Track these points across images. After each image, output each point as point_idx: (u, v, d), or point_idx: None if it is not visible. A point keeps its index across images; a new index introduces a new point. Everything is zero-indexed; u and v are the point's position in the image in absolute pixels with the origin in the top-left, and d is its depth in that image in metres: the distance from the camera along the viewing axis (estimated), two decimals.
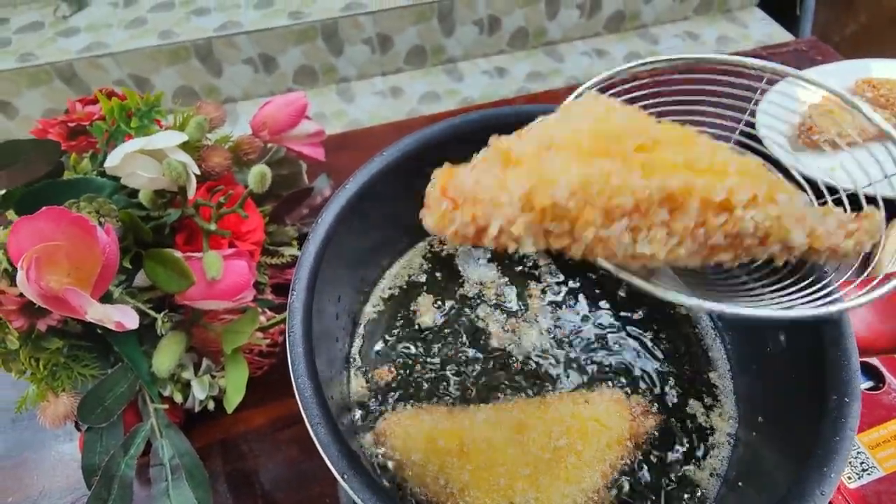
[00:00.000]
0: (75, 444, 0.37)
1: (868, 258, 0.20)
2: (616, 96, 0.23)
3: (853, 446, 0.27)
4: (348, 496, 0.32)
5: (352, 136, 0.58)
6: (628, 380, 0.29)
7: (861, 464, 0.32)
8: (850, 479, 0.31)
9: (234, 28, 1.26)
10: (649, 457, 0.26)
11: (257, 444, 0.36)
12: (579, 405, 0.27)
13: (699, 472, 0.26)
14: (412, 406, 0.28)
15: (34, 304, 0.28)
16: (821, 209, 0.19)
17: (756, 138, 0.54)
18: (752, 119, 0.55)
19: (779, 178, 0.21)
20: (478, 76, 1.42)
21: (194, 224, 0.33)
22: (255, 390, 0.36)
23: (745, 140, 0.29)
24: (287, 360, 0.22)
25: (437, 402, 0.28)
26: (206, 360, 0.34)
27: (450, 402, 0.28)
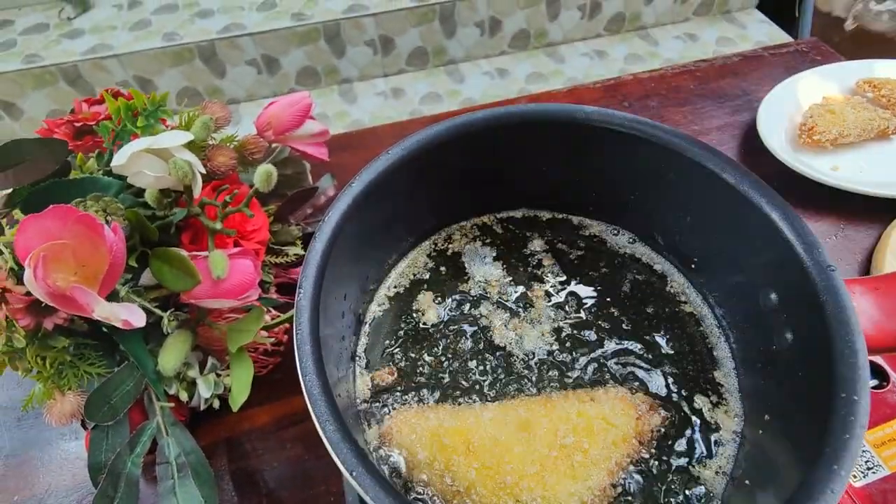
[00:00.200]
0: (81, 443, 0.37)
1: None
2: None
3: None
4: (354, 494, 0.32)
5: (355, 136, 0.58)
6: (633, 378, 0.29)
7: (866, 462, 0.32)
8: (855, 477, 0.31)
9: (237, 30, 1.27)
10: (655, 455, 0.26)
11: (262, 442, 0.36)
12: (585, 403, 0.27)
13: (705, 471, 0.26)
14: (418, 404, 0.28)
15: (41, 302, 0.28)
16: None
17: (757, 137, 0.54)
18: (752, 119, 0.55)
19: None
20: (479, 77, 1.42)
21: (200, 223, 0.34)
22: (260, 389, 0.36)
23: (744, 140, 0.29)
24: (292, 358, 0.22)
25: (443, 401, 0.28)
26: (211, 359, 0.34)
27: (455, 401, 0.28)
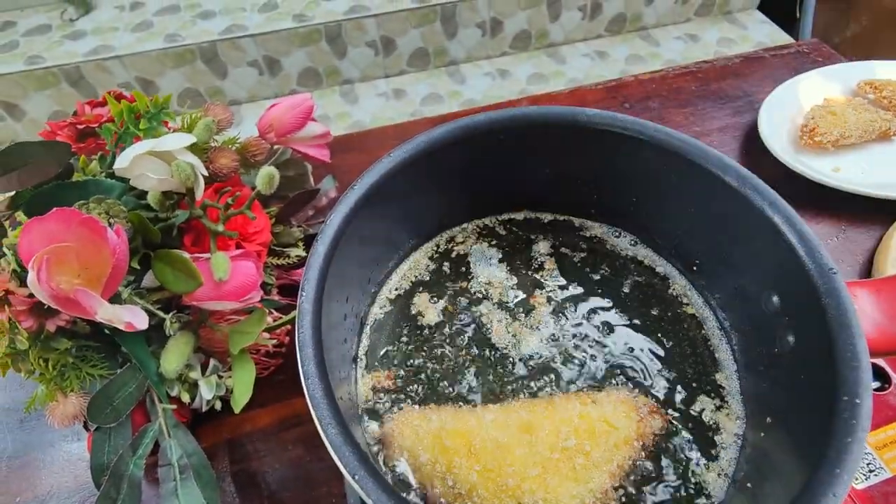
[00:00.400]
0: (83, 444, 0.37)
1: None
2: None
3: None
4: (355, 496, 0.32)
5: (356, 138, 0.58)
6: (635, 381, 0.29)
7: (868, 465, 0.32)
8: (857, 480, 0.31)
9: (238, 31, 1.27)
10: (657, 457, 0.26)
11: (264, 443, 0.36)
12: (587, 405, 0.27)
13: (707, 473, 0.26)
14: (419, 406, 0.28)
15: (43, 304, 0.28)
16: None
17: (758, 139, 0.54)
18: (754, 120, 0.55)
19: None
20: (480, 78, 1.42)
21: (202, 225, 0.34)
22: (262, 390, 0.36)
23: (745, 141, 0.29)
24: (293, 360, 0.22)
25: (445, 403, 0.28)
26: (213, 361, 0.34)
27: (457, 403, 0.28)
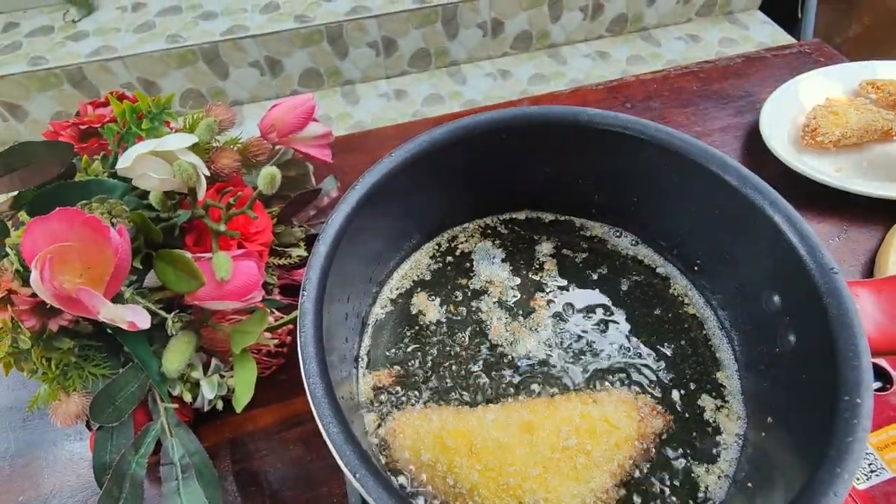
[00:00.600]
0: (85, 443, 0.37)
1: None
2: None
3: None
4: (356, 496, 0.32)
5: (358, 138, 0.58)
6: (636, 380, 0.29)
7: (869, 465, 0.32)
8: (858, 480, 0.31)
9: (240, 32, 1.27)
10: (657, 456, 0.26)
11: (265, 443, 0.36)
12: (588, 405, 0.27)
13: (707, 473, 0.26)
14: (420, 406, 0.28)
15: (46, 304, 0.28)
16: None
17: (760, 139, 0.54)
18: (755, 120, 0.55)
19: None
20: (481, 78, 1.42)
21: (204, 225, 0.34)
22: (264, 390, 0.36)
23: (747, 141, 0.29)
24: (295, 359, 0.22)
25: (446, 403, 0.28)
26: (215, 360, 0.35)
27: (458, 403, 0.28)
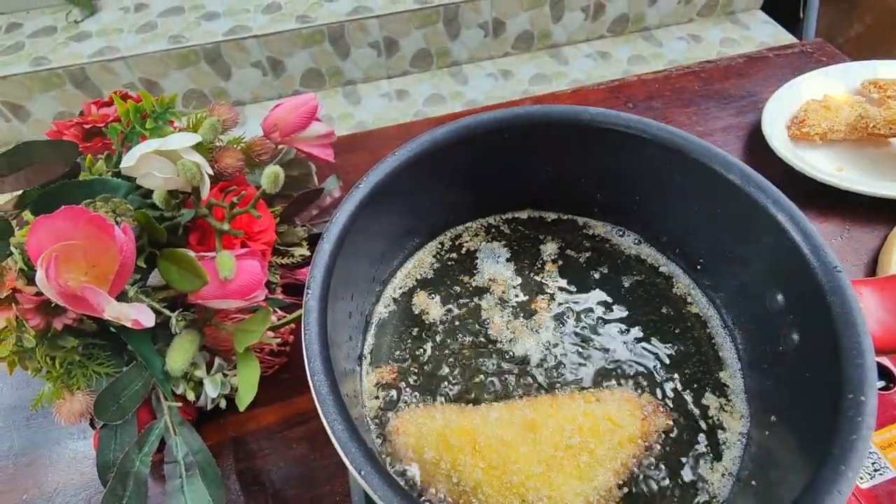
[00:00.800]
0: (89, 442, 0.37)
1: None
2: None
3: None
4: (360, 494, 0.32)
5: (360, 138, 0.58)
6: (639, 379, 0.29)
7: (873, 464, 0.32)
8: (862, 479, 0.31)
9: (242, 32, 1.28)
10: (660, 455, 0.26)
11: (268, 442, 0.36)
12: (591, 404, 0.27)
13: (711, 471, 0.26)
14: (424, 404, 0.28)
15: (50, 302, 0.28)
16: None
17: (762, 139, 0.54)
18: (757, 120, 0.55)
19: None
20: (482, 79, 1.42)
21: (207, 224, 0.34)
22: (267, 389, 0.36)
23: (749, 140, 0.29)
24: (297, 358, 0.22)
25: (449, 401, 0.29)
26: (218, 359, 0.35)
27: (461, 401, 0.28)
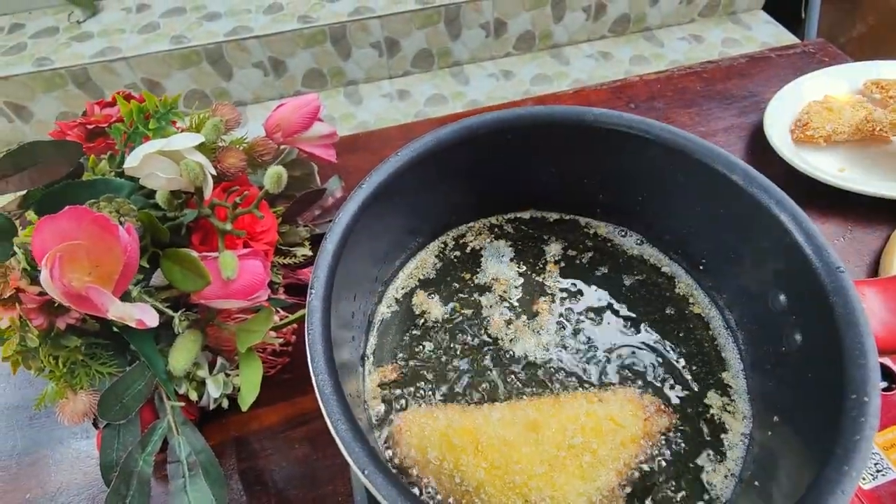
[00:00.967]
0: (92, 442, 0.37)
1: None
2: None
3: None
4: (362, 494, 0.32)
5: (362, 138, 0.58)
6: (641, 380, 0.29)
7: (875, 465, 0.31)
8: (864, 480, 0.31)
9: (244, 32, 1.28)
10: (663, 455, 0.26)
11: (270, 442, 0.36)
12: (593, 404, 0.27)
13: (714, 472, 0.26)
14: (426, 404, 0.28)
15: (54, 302, 0.28)
16: None
17: (764, 139, 0.54)
18: (759, 120, 0.55)
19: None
20: (484, 79, 1.42)
21: (210, 224, 0.34)
22: (269, 389, 0.36)
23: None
24: (300, 358, 0.23)
25: (452, 401, 0.29)
26: (220, 359, 0.35)
27: (464, 401, 0.29)
